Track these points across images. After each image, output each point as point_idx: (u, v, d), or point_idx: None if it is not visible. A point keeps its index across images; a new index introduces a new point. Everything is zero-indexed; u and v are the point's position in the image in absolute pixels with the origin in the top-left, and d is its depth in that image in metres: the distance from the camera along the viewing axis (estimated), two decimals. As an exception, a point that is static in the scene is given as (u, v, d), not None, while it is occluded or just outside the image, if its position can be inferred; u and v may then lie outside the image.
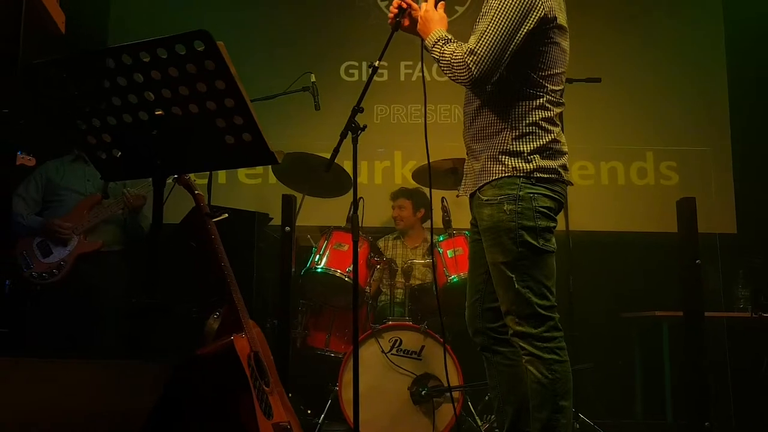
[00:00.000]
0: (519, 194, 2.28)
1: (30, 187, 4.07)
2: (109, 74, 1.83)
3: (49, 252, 3.83)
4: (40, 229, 3.87)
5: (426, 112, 2.74)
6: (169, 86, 1.81)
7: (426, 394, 3.57)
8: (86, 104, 1.91)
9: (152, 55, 1.76)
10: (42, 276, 3.74)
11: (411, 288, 4.12)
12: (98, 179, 4.01)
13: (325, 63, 5.55)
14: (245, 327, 2.30)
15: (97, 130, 1.96)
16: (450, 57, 2.32)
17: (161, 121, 1.87)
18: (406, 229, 4.82)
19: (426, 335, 3.74)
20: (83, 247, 3.90)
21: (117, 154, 2.01)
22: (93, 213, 3.92)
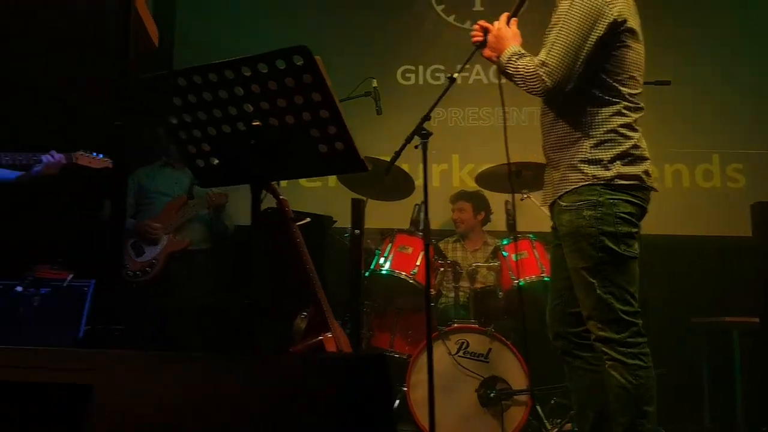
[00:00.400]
0: (599, 200, 2.31)
1: None
2: (211, 88, 1.93)
3: (141, 251, 4.07)
4: (132, 230, 4.09)
5: (505, 117, 2.80)
6: (267, 99, 1.91)
7: (494, 397, 3.61)
8: (189, 116, 2.01)
9: (253, 70, 1.86)
10: (136, 274, 3.98)
11: (475, 291, 4.16)
12: (185, 182, 4.24)
13: (381, 67, 5.61)
14: (331, 327, 2.39)
15: (197, 140, 2.07)
16: (523, 71, 2.37)
17: (259, 131, 1.96)
18: (466, 232, 4.85)
19: (493, 338, 3.77)
20: (173, 245, 4.12)
21: (214, 162, 2.12)
22: (180, 213, 4.16)
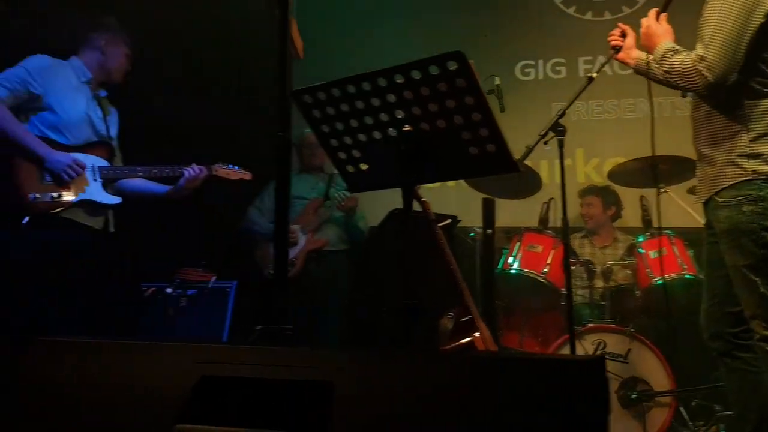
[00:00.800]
0: (759, 194, 2.20)
1: (264, 199, 4.54)
2: (364, 96, 1.98)
3: None
4: (271, 234, 4.29)
5: (653, 109, 2.72)
6: (419, 104, 1.93)
7: (635, 398, 3.50)
8: (341, 124, 2.07)
9: (406, 77, 1.89)
10: None
11: (610, 290, 4.05)
12: (321, 187, 4.40)
13: (500, 63, 5.54)
14: (479, 327, 2.40)
15: (348, 146, 2.13)
16: (680, 66, 2.29)
17: (410, 136, 1.99)
18: (595, 228, 4.73)
19: (632, 338, 3.66)
20: (311, 244, 4.29)
21: (364, 167, 2.17)
22: (317, 214, 4.31)
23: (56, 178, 3.14)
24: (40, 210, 3.08)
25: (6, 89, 3.11)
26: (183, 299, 3.71)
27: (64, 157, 3.15)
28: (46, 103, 3.21)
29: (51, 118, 3.23)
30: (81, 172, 3.18)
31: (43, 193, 3.10)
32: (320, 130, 2.12)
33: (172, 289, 3.66)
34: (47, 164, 3.11)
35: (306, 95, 2.05)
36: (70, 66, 3.39)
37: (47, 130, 3.21)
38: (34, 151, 3.10)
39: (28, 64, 3.22)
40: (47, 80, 3.23)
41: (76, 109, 3.30)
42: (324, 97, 2.04)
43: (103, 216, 3.33)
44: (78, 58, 3.43)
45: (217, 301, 3.72)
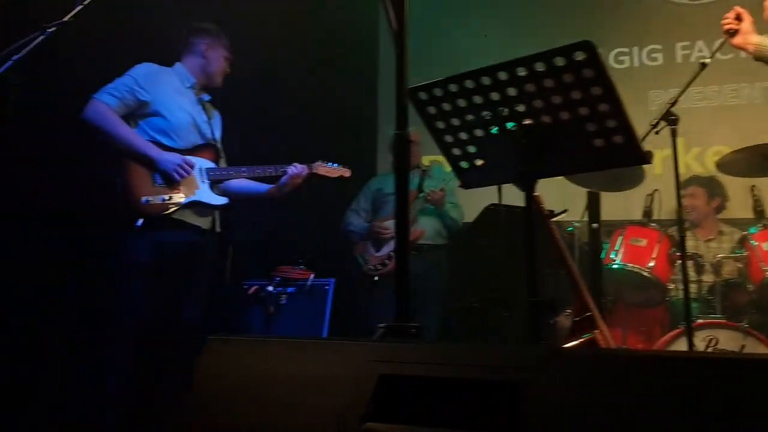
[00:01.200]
0: None
1: (360, 200, 4.65)
2: (483, 91, 1.94)
3: (380, 246, 4.27)
4: (366, 232, 4.32)
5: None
6: (541, 97, 1.88)
7: (754, 398, 3.32)
8: (457, 120, 2.04)
9: (529, 69, 1.84)
10: (377, 268, 4.18)
11: (719, 284, 3.87)
12: (415, 182, 4.39)
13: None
14: (599, 325, 2.32)
15: (463, 142, 2.09)
16: None
17: (530, 130, 1.94)
18: (698, 220, 4.53)
19: (746, 334, 3.49)
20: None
21: (478, 163, 2.12)
22: (411, 206, 4.29)
23: (167, 180, 3.23)
24: (153, 212, 3.17)
25: (115, 98, 3.22)
26: (283, 297, 3.77)
27: (175, 157, 3.24)
28: (154, 109, 3.32)
29: (159, 122, 3.33)
30: (191, 172, 3.27)
31: (155, 195, 3.19)
32: (435, 126, 2.09)
33: (272, 287, 3.72)
34: (159, 165, 3.20)
35: (421, 92, 2.03)
36: (175, 72, 3.49)
37: (156, 134, 3.31)
38: (145, 153, 3.20)
39: (135, 73, 3.33)
40: (154, 87, 3.33)
41: (183, 113, 3.39)
42: (440, 93, 2.01)
43: (210, 216, 3.41)
44: (181, 64, 3.52)
45: (315, 299, 3.76)
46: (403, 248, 1.93)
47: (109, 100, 3.21)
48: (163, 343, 3.30)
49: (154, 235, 3.17)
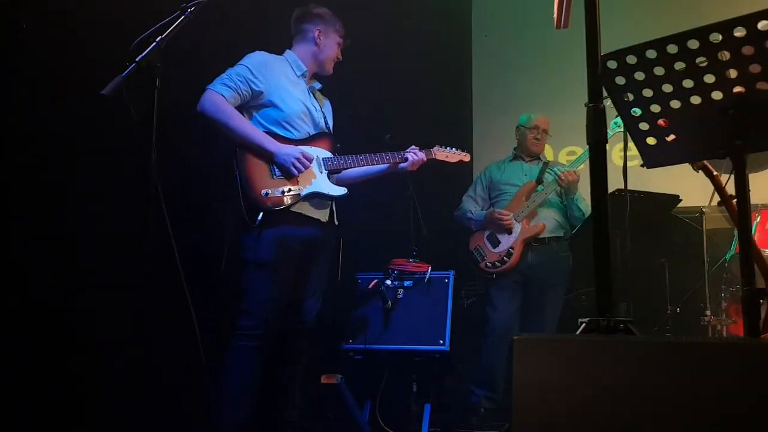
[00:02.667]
0: None
1: (477, 187, 4.47)
2: (687, 56, 1.75)
3: (497, 242, 4.10)
4: (485, 220, 4.14)
5: None
6: (760, 61, 1.68)
7: None
8: (650, 90, 1.86)
9: (749, 29, 1.65)
10: (495, 265, 4.03)
11: None
12: (534, 174, 4.19)
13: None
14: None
15: (654, 115, 1.91)
16: None
17: (740, 99, 1.75)
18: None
19: None
20: (527, 231, 4.10)
21: (669, 138, 1.94)
22: (531, 199, 4.10)
23: (285, 172, 3.12)
24: (273, 205, 3.07)
25: (230, 89, 3.11)
26: (400, 291, 3.62)
27: (293, 150, 3.13)
28: (268, 99, 3.20)
29: (274, 113, 3.21)
30: (309, 165, 3.15)
31: (274, 188, 3.08)
32: (621, 99, 1.92)
33: (390, 280, 3.58)
34: (277, 158, 3.10)
35: (611, 60, 1.85)
36: (286, 60, 3.37)
37: (272, 126, 3.20)
38: (263, 146, 3.10)
39: (248, 62, 3.21)
40: (268, 76, 3.21)
41: (296, 103, 3.27)
42: (634, 61, 1.83)
43: (328, 208, 3.29)
44: (292, 51, 3.40)
45: (435, 293, 3.60)
46: (602, 232, 1.75)
47: (224, 90, 3.10)
48: (287, 341, 3.21)
49: (275, 229, 3.07)
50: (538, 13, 5.51)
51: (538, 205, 4.11)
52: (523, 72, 5.50)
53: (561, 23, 2.31)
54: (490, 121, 5.21)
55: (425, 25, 5.17)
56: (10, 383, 2.70)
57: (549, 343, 1.30)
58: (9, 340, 2.73)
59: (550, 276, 4.13)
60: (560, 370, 1.22)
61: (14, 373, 2.73)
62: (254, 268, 3.08)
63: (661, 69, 1.81)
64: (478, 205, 4.35)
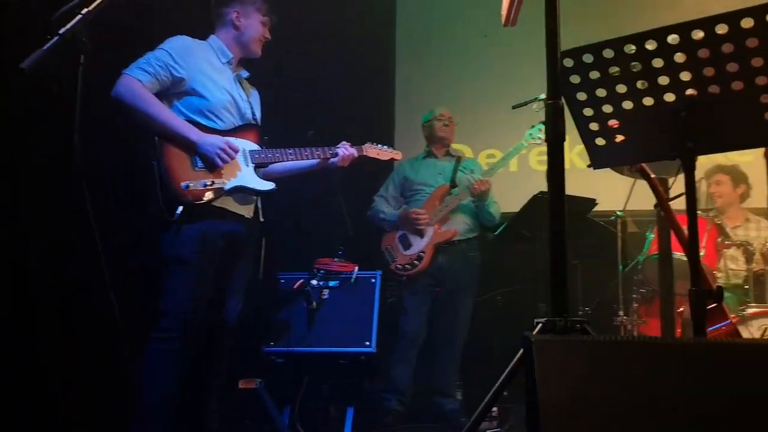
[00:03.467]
0: None
1: (389, 187, 4.39)
2: (644, 57, 1.76)
3: (408, 244, 4.03)
4: (398, 220, 4.08)
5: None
6: (714, 64, 1.72)
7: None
8: (604, 90, 1.86)
9: (706, 32, 1.67)
10: (405, 267, 3.94)
11: (761, 272, 3.81)
12: (448, 173, 4.17)
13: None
14: (728, 316, 2.20)
15: (606, 116, 1.92)
16: None
17: (692, 101, 1.78)
18: (724, 207, 4.51)
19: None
20: (439, 236, 4.06)
21: (618, 139, 1.95)
22: (444, 203, 4.07)
23: (209, 164, 2.93)
24: (193, 199, 2.88)
25: (148, 74, 2.90)
26: (325, 291, 3.52)
27: (217, 140, 2.95)
28: (190, 87, 3.01)
29: (196, 102, 3.02)
30: (234, 156, 2.99)
31: (195, 180, 2.90)
32: (575, 97, 1.91)
33: (315, 281, 3.47)
34: (200, 149, 2.91)
35: (567, 58, 1.84)
36: (210, 46, 3.19)
37: (194, 115, 3.01)
38: (185, 135, 2.91)
39: (169, 46, 3.01)
40: (190, 62, 3.02)
41: (221, 91, 3.09)
42: (590, 60, 1.83)
43: (253, 203, 3.14)
44: (216, 36, 3.22)
45: (361, 293, 3.52)
46: (559, 230, 1.73)
47: (142, 76, 2.88)
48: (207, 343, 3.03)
49: (196, 225, 2.88)
50: (464, 13, 5.57)
51: (450, 211, 4.09)
52: (445, 73, 5.52)
53: (510, 21, 2.29)
54: (411, 120, 5.18)
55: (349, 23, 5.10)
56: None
57: (567, 345, 1.26)
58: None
59: (461, 277, 4.12)
60: (584, 371, 1.18)
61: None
62: (174, 266, 2.89)
63: (617, 69, 1.82)
64: (390, 205, 4.27)
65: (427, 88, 5.46)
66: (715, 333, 2.16)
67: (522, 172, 5.27)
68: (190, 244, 2.87)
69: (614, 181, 4.04)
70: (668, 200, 2.35)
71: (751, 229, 4.38)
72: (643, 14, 5.13)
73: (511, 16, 2.24)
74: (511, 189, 5.10)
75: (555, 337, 1.34)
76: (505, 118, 4.90)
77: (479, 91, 5.41)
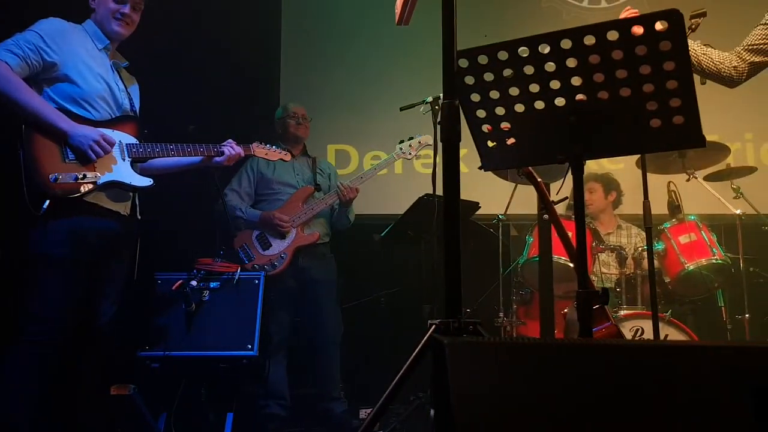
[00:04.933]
0: None
1: (243, 181, 4.18)
2: (537, 60, 1.78)
3: (268, 245, 3.92)
4: (258, 221, 3.94)
5: None
6: (604, 70, 1.75)
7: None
8: (497, 92, 1.86)
9: (598, 38, 1.71)
10: (264, 268, 3.80)
11: (632, 276, 4.01)
12: (306, 173, 4.10)
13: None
14: (610, 317, 2.26)
15: (498, 118, 1.92)
16: None
17: (581, 106, 1.81)
18: (596, 214, 4.71)
19: (669, 324, 3.64)
20: (301, 239, 3.96)
21: (509, 142, 1.97)
22: (308, 206, 3.99)
23: (81, 156, 2.74)
24: (63, 193, 2.68)
25: (17, 56, 2.67)
26: (206, 293, 3.36)
27: (91, 131, 2.76)
28: (63, 73, 2.80)
29: (69, 89, 2.81)
30: (109, 150, 2.81)
31: (65, 173, 2.69)
32: (468, 98, 1.90)
33: (195, 281, 3.30)
34: (72, 140, 2.72)
35: (462, 59, 1.83)
36: (85, 31, 2.97)
37: (66, 103, 2.80)
38: (55, 125, 2.70)
39: (40, 28, 2.79)
40: (63, 46, 2.81)
41: (96, 79, 2.89)
42: (485, 61, 1.82)
43: (129, 200, 2.95)
44: (92, 21, 3.00)
45: (244, 295, 3.39)
46: (454, 232, 1.71)
47: (9, 58, 2.65)
48: (77, 347, 2.81)
49: (67, 221, 2.69)
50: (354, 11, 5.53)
51: (316, 213, 4.04)
52: (330, 72, 5.46)
53: (403, 20, 2.26)
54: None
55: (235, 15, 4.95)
56: None
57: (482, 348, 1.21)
58: None
59: (320, 276, 4.06)
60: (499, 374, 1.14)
61: None
62: (43, 264, 2.67)
63: (510, 71, 1.82)
64: (244, 201, 4.11)
65: (312, 87, 5.37)
66: (599, 333, 2.22)
67: (406, 175, 5.29)
68: (60, 242, 2.68)
69: (496, 186, 4.15)
70: (553, 203, 2.40)
71: (623, 236, 4.60)
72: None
73: (404, 15, 2.22)
74: (396, 191, 5.13)
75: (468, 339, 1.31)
76: (391, 121, 4.92)
77: (365, 92, 5.39)
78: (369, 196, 4.55)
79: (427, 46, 5.36)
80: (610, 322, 2.22)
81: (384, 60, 5.48)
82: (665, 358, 1.07)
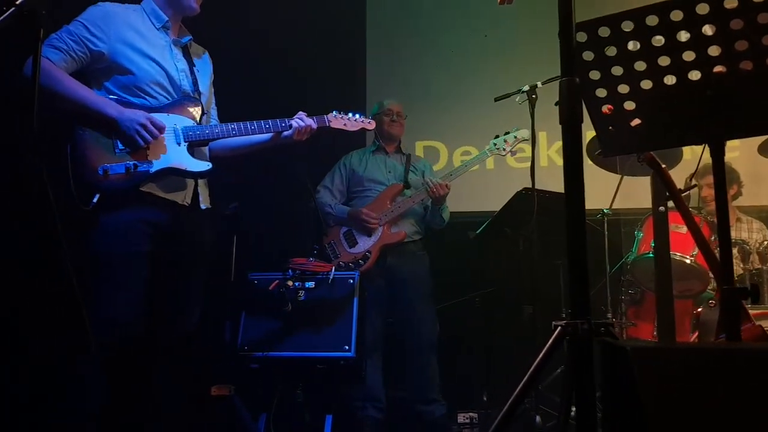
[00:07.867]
0: None
1: (335, 178, 4.11)
2: (667, 30, 1.57)
3: (354, 242, 3.83)
4: (347, 218, 3.85)
5: None
6: (747, 36, 1.53)
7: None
8: (620, 68, 1.67)
9: (742, 1, 1.49)
10: (348, 266, 3.70)
11: (757, 272, 3.68)
12: (399, 170, 3.98)
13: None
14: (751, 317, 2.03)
15: (621, 96, 1.72)
16: None
17: (720, 79, 1.59)
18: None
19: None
20: (387, 238, 3.84)
21: (634, 123, 1.76)
22: (396, 204, 3.87)
23: (129, 143, 2.55)
24: (112, 185, 2.50)
25: (60, 51, 2.53)
26: (301, 293, 3.29)
27: (138, 115, 2.55)
28: (113, 61, 2.61)
29: (123, 78, 2.63)
30: (158, 135, 2.59)
31: (115, 164, 2.52)
32: (587, 76, 1.72)
33: (292, 281, 3.24)
34: (120, 126, 2.53)
35: (580, 32, 1.65)
36: (141, 11, 2.78)
37: (123, 93, 2.63)
38: (102, 111, 2.52)
39: (85, 17, 2.62)
40: (109, 32, 2.61)
41: (148, 63, 2.68)
42: (607, 33, 1.64)
43: (188, 188, 2.70)
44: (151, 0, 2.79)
45: (339, 294, 3.30)
46: (578, 227, 1.54)
47: (52, 53, 2.50)
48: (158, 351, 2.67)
49: (117, 215, 2.50)
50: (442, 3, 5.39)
51: (402, 212, 3.89)
52: (417, 66, 5.33)
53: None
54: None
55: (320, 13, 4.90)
56: None
57: (669, 353, 1.07)
58: None
59: (410, 275, 3.90)
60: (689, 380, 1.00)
61: None
62: (98, 263, 2.50)
63: (636, 44, 1.63)
64: (335, 198, 4.03)
65: (398, 82, 5.26)
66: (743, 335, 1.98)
67: (498, 170, 5.08)
68: (111, 238, 2.50)
69: (599, 179, 3.90)
70: (681, 192, 2.17)
71: (743, 230, 4.27)
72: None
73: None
74: (488, 187, 4.94)
75: (653, 344, 1.16)
76: (482, 114, 4.74)
77: (454, 85, 5.23)
78: (459, 193, 4.38)
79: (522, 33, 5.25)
80: (752, 322, 1.98)
81: (474, 52, 5.31)
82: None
